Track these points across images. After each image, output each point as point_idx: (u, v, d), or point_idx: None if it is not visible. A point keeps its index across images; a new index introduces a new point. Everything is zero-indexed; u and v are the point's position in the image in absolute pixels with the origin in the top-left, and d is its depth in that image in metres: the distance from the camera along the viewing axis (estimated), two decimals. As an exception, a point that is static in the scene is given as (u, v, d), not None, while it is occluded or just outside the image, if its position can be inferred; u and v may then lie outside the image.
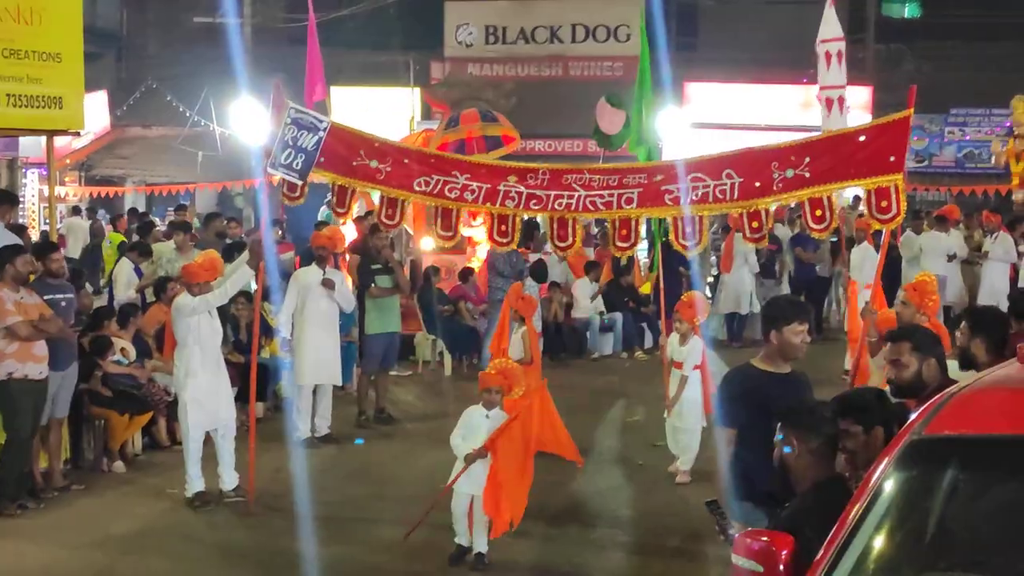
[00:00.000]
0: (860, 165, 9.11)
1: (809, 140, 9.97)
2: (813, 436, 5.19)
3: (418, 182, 9.85)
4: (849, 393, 5.82)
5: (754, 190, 9.40)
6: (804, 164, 9.22)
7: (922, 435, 4.21)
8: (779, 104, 29.39)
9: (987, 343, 6.41)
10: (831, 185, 9.28)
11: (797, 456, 5.17)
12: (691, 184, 9.51)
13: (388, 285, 14.22)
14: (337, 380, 13.44)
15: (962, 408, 4.32)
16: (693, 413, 11.53)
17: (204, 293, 10.62)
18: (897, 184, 9.01)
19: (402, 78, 30.17)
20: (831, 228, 9.56)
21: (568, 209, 9.77)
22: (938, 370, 5.94)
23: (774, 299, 7.76)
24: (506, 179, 9.78)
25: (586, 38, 30.24)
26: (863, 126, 9.78)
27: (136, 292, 15.15)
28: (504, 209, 9.83)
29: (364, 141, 10.11)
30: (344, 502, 10.78)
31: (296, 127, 9.81)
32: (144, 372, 12.51)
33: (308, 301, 12.95)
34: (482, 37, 30.71)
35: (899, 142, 9.09)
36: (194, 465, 10.76)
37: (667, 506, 10.74)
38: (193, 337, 10.68)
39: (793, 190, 9.34)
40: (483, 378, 9.21)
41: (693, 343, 11.62)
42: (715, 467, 10.92)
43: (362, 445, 13.16)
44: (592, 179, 9.81)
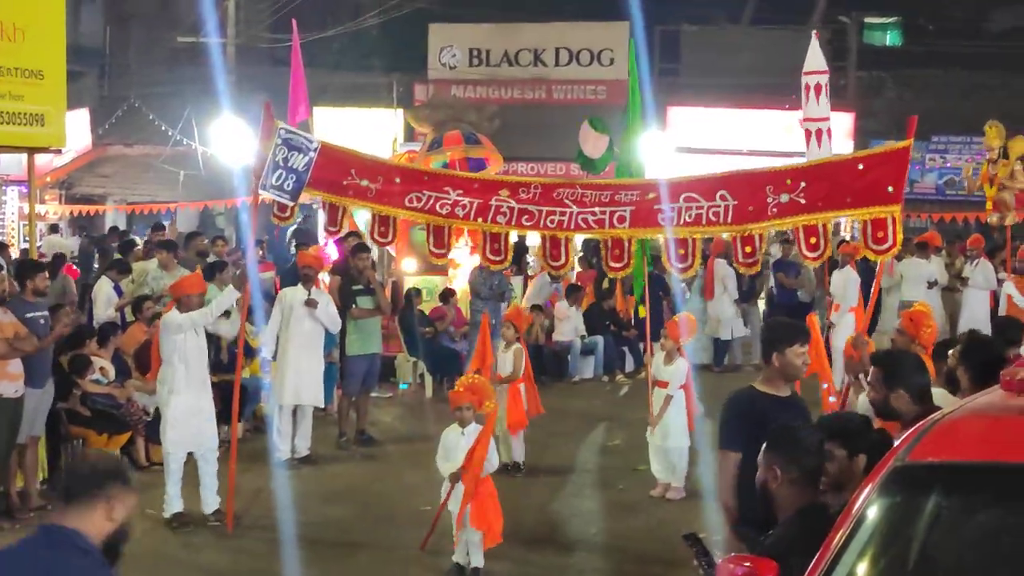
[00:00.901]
0: (857, 194, 9.04)
1: (806, 165, 9.88)
2: (795, 467, 5.14)
3: (409, 198, 9.85)
4: (837, 416, 5.80)
5: (747, 214, 9.35)
6: (799, 189, 9.16)
7: (906, 461, 4.21)
8: (761, 129, 29.48)
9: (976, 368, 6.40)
10: (827, 213, 9.20)
11: (779, 484, 5.14)
12: (684, 204, 9.47)
13: (369, 306, 14.18)
14: (319, 401, 13.40)
15: (946, 435, 4.32)
16: (678, 432, 11.55)
17: (191, 310, 10.59)
18: (894, 215, 8.95)
19: (385, 99, 30.21)
20: (824, 256, 9.50)
21: (560, 227, 9.76)
22: (909, 400, 5.87)
23: (774, 322, 7.70)
24: (498, 193, 9.78)
25: (570, 62, 30.30)
26: (862, 154, 9.70)
27: (115, 311, 15.08)
28: (495, 226, 9.83)
29: (355, 160, 10.12)
30: (325, 524, 10.71)
31: (287, 148, 9.80)
32: (123, 392, 12.44)
33: (292, 321, 12.91)
34: (466, 59, 30.75)
35: (898, 173, 9.02)
36: (174, 485, 10.69)
37: (648, 531, 10.70)
38: (179, 355, 10.63)
39: (787, 216, 9.27)
40: (453, 397, 9.25)
41: (679, 363, 11.62)
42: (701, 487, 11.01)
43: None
44: (584, 194, 9.80)
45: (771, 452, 5.20)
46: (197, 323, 10.64)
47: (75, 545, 3.82)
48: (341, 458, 13.47)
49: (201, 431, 10.77)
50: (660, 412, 11.55)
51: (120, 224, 28.23)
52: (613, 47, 28.89)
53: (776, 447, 5.21)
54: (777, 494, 5.16)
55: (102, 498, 3.89)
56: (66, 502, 3.87)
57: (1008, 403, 4.45)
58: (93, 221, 30.05)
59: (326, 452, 13.50)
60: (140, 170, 31.08)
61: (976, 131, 18.11)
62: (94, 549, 3.81)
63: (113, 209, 30.54)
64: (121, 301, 15.16)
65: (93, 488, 3.89)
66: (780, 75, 30.09)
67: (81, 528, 3.81)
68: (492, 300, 17.22)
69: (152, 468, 12.54)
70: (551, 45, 30.70)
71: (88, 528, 3.80)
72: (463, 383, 9.30)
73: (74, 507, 3.87)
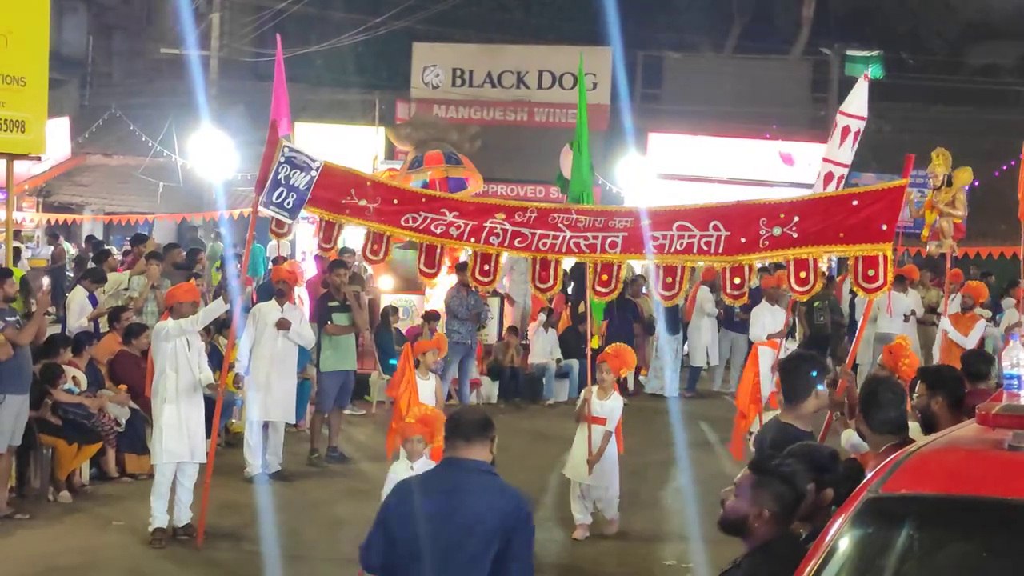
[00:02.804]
0: (850, 231, 8.99)
1: (800, 199, 9.83)
2: (779, 504, 4.98)
3: (405, 218, 9.89)
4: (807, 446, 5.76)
5: (739, 245, 9.32)
6: (792, 223, 9.13)
7: (879, 493, 4.21)
8: (742, 158, 29.63)
9: (948, 401, 6.44)
10: (818, 248, 9.14)
11: (756, 515, 5.01)
12: (676, 233, 9.46)
13: (345, 323, 14.15)
14: (290, 417, 13.35)
15: (920, 467, 4.33)
16: (614, 470, 11.11)
17: (183, 318, 10.58)
18: (886, 254, 8.91)
19: (367, 117, 30.28)
20: (813, 291, 9.45)
21: (552, 250, 9.76)
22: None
23: (804, 356, 7.53)
24: (494, 216, 9.79)
25: (552, 85, 30.44)
26: (857, 190, 9.63)
27: (89, 321, 15.00)
28: (488, 247, 9.84)
29: (356, 180, 10.15)
30: (294, 541, 10.64)
31: (289, 166, 9.83)
32: (95, 402, 12.37)
33: (264, 338, 12.86)
34: (449, 79, 30.84)
35: (892, 211, 8.96)
36: (160, 499, 10.56)
37: (594, 562, 10.58)
38: (170, 364, 10.61)
39: (779, 249, 9.24)
40: (402, 428, 8.94)
41: (615, 399, 11.12)
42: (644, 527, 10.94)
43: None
44: (579, 219, 9.81)
45: (761, 490, 5.00)
46: (187, 331, 10.62)
47: (480, 469, 5.40)
48: (312, 474, 13.41)
49: (193, 441, 10.69)
50: (600, 451, 10.91)
51: (97, 234, 28.15)
52: (596, 72, 28.99)
53: (767, 485, 5.02)
54: (756, 530, 5.02)
55: (488, 438, 5.47)
56: (467, 442, 5.39)
57: (983, 437, 4.45)
58: (70, 230, 29.95)
59: (297, 468, 13.44)
60: (119, 180, 31.03)
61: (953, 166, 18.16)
62: (492, 470, 5.49)
63: (91, 219, 30.45)
64: (96, 311, 15.08)
65: (484, 432, 5.45)
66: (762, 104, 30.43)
67: (480, 458, 5.41)
68: (469, 321, 17.22)
69: (122, 480, 12.51)
70: (534, 67, 30.86)
71: (483, 457, 5.42)
72: (415, 414, 8.95)
73: (474, 445, 5.40)
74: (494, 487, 5.42)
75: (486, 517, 5.24)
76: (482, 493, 5.33)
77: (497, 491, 5.40)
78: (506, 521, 5.24)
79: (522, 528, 5.30)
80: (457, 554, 5.21)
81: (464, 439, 5.42)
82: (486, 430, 5.49)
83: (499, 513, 5.27)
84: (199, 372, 10.74)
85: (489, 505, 5.29)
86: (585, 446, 10.97)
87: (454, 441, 5.46)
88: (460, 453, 5.43)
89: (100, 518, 11.29)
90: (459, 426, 5.48)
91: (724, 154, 29.73)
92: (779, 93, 31.35)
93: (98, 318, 15.03)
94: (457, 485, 5.34)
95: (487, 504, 5.29)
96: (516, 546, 5.23)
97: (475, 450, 5.42)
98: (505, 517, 5.25)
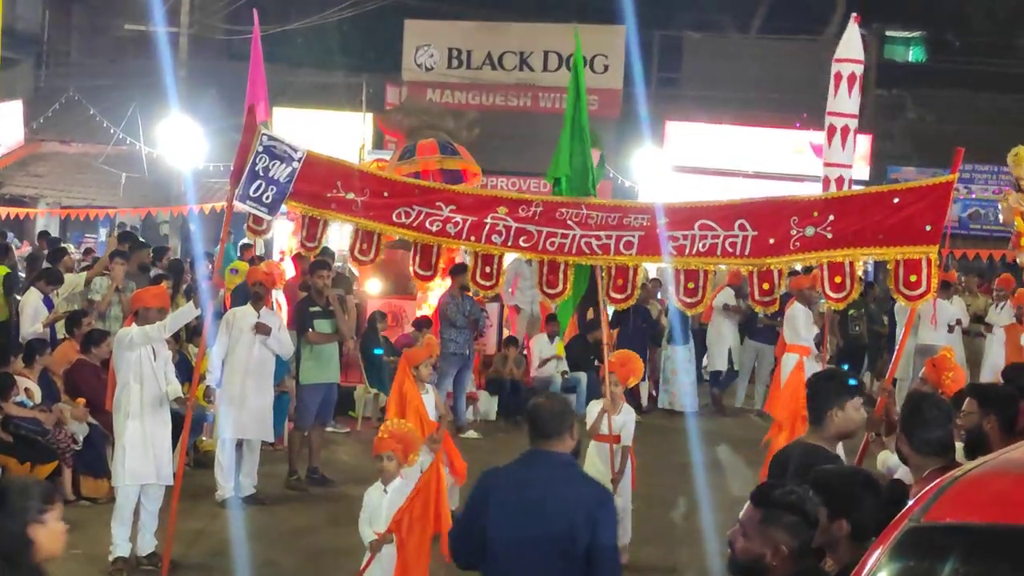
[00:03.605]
0: (890, 231, 8.95)
1: (836, 196, 9.79)
2: (797, 541, 4.94)
3: (397, 213, 9.83)
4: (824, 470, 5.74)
5: (767, 247, 9.26)
6: (827, 223, 9.07)
7: (921, 522, 4.20)
8: (768, 149, 29.65)
9: (1001, 421, 6.44)
10: (855, 250, 9.08)
11: (773, 554, 4.96)
12: (699, 232, 9.43)
13: (328, 330, 14.14)
14: (267, 435, 13.34)
15: (966, 493, 4.31)
16: (628, 489, 11.13)
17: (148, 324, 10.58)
18: (930, 257, 8.87)
19: (353, 101, 30.29)
20: (850, 298, 9.39)
21: (560, 251, 9.70)
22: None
23: (828, 374, 7.51)
24: (495, 210, 9.74)
25: (559, 67, 30.41)
26: (899, 187, 9.56)
27: (44, 326, 15.01)
28: (489, 247, 9.80)
29: (342, 172, 10.10)
30: (270, 573, 10.66)
31: (268, 156, 9.78)
32: (51, 417, 12.36)
33: (239, 346, 12.85)
34: (444, 60, 30.87)
35: (938, 210, 8.91)
36: (122, 525, 10.55)
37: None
38: (134, 375, 10.59)
39: (811, 251, 9.19)
40: (375, 444, 8.93)
41: (626, 412, 11.16)
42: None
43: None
44: (590, 216, 9.75)
45: (771, 526, 4.96)
46: (152, 338, 10.60)
47: (564, 462, 6.14)
48: (291, 498, 13.41)
49: (159, 461, 10.68)
50: (621, 469, 10.91)
51: (52, 230, 28.14)
52: (607, 53, 29.06)
53: (776, 519, 4.97)
54: (776, 570, 4.99)
55: (569, 429, 6.13)
56: (547, 439, 6.05)
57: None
58: (23, 225, 29.92)
59: (274, 491, 13.44)
60: (77, 170, 31.02)
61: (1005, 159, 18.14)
62: (574, 461, 6.47)
63: (45, 213, 30.43)
64: (51, 316, 15.09)
65: (564, 424, 6.10)
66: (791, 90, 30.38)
67: (563, 450, 6.11)
68: (467, 329, 17.17)
69: (80, 503, 12.50)
70: (539, 48, 30.85)
71: (566, 448, 6.14)
72: (388, 428, 8.95)
73: (555, 439, 6.06)
74: (578, 479, 6.26)
75: (573, 508, 5.90)
76: (568, 485, 6.05)
77: (581, 482, 6.23)
78: (592, 511, 5.92)
79: (607, 517, 6.00)
80: (548, 545, 5.88)
81: (544, 437, 6.10)
82: (566, 422, 6.13)
83: (585, 503, 5.95)
84: (166, 384, 10.74)
85: (576, 496, 5.98)
86: (599, 466, 10.88)
87: (536, 438, 6.13)
88: (543, 447, 6.11)
89: (55, 546, 11.27)
90: (538, 424, 6.13)
91: (749, 145, 29.76)
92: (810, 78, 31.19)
93: (54, 323, 15.04)
94: (543, 477, 6.01)
95: (574, 495, 5.98)
96: (602, 534, 5.90)
97: (557, 443, 6.09)
98: (591, 507, 5.95)
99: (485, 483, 6.18)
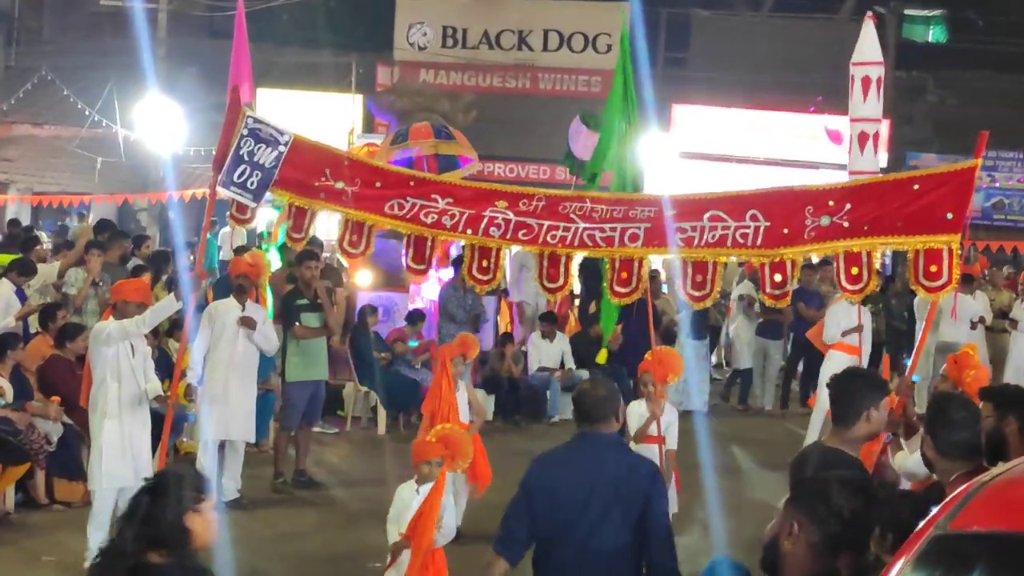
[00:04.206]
0: (910, 219, 8.95)
1: (853, 184, 9.78)
2: (818, 529, 5.09)
3: (390, 205, 9.80)
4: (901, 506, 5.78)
5: (781, 237, 9.26)
6: (843, 212, 9.08)
7: (947, 530, 4.20)
8: (780, 134, 29.63)
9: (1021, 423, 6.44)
10: (873, 239, 9.09)
11: (794, 543, 5.04)
12: (708, 224, 9.45)
13: (315, 324, 14.13)
14: (250, 436, 13.35)
15: (995, 500, 4.30)
16: (674, 493, 11.02)
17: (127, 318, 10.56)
18: (951, 247, 8.88)
19: (342, 82, 30.25)
20: (868, 289, 9.42)
21: (562, 243, 9.69)
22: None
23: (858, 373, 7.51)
24: (494, 204, 9.73)
25: (560, 46, 30.42)
26: (919, 173, 9.57)
27: (16, 320, 14.99)
28: (487, 240, 9.79)
29: (331, 159, 10.07)
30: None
31: (253, 140, 9.74)
32: (23, 416, 12.33)
33: (222, 341, 12.86)
34: (438, 39, 30.84)
35: (961, 197, 8.92)
36: (99, 530, 10.48)
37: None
38: (112, 372, 10.59)
39: (826, 240, 9.19)
40: (419, 448, 9.00)
41: (669, 412, 11.21)
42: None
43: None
44: (595, 209, 9.73)
45: (796, 505, 5.09)
46: (131, 333, 10.58)
47: (614, 442, 6.78)
48: (276, 502, 13.42)
49: (137, 463, 10.66)
50: (668, 473, 10.69)
51: (23, 218, 28.13)
52: (611, 31, 28.99)
53: (803, 501, 5.10)
54: (788, 554, 5.04)
55: (614, 412, 6.67)
56: (594, 423, 6.63)
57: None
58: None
59: (259, 495, 13.45)
60: (49, 154, 31.01)
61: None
62: (623, 441, 7.21)
63: (16, 199, 30.40)
64: (23, 309, 15.06)
65: (610, 409, 6.66)
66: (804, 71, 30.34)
67: (610, 431, 6.70)
68: (467, 324, 17.10)
69: (53, 507, 12.49)
70: (538, 26, 30.84)
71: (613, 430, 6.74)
72: (438, 433, 9.05)
73: (602, 423, 6.64)
74: (628, 457, 6.96)
75: (626, 485, 6.51)
76: (619, 463, 6.65)
77: (632, 460, 6.89)
78: (644, 487, 6.54)
79: (659, 492, 6.61)
80: (604, 521, 6.46)
81: (591, 421, 6.69)
82: (611, 405, 6.71)
83: (637, 480, 6.56)
84: (145, 382, 10.73)
85: (628, 473, 6.59)
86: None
87: (583, 422, 6.73)
88: (590, 430, 6.70)
89: (27, 552, 11.28)
90: (584, 409, 6.73)
91: (760, 130, 29.75)
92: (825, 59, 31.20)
93: (27, 317, 15.02)
94: (595, 457, 6.63)
95: (626, 473, 6.58)
96: (655, 507, 6.51)
97: (604, 426, 6.68)
98: (642, 483, 6.56)
99: (540, 465, 6.79)
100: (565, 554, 6.50)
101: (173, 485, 5.56)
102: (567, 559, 6.50)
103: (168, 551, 5.42)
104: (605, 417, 6.66)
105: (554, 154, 21.78)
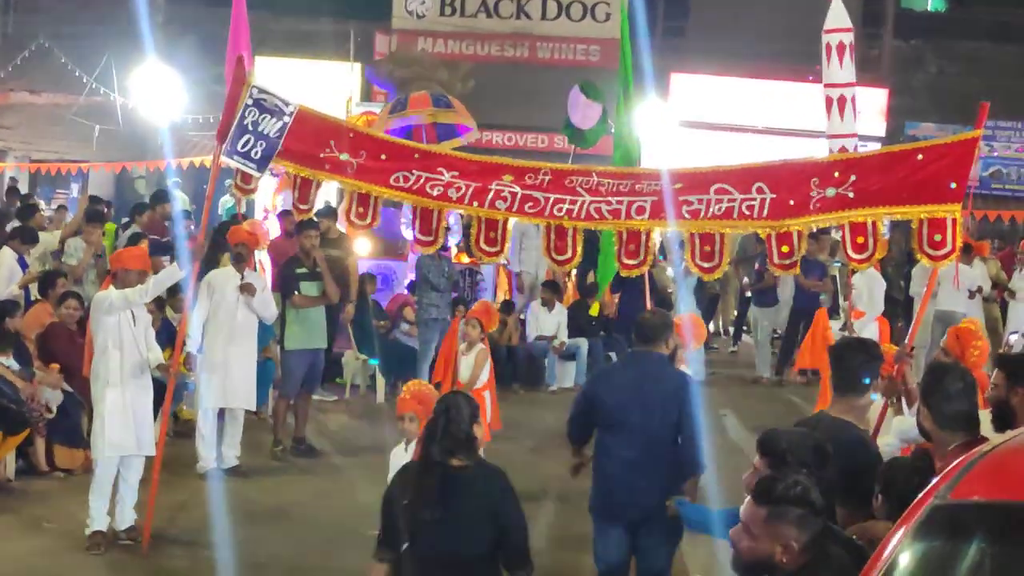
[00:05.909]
0: (914, 189, 9.08)
1: (857, 155, 9.91)
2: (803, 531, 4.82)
3: (395, 177, 9.82)
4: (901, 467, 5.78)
5: (787, 208, 9.38)
6: (848, 183, 9.20)
7: (947, 500, 4.22)
8: (779, 103, 29.56)
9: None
10: (877, 209, 9.21)
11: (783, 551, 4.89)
12: (714, 196, 9.52)
13: (314, 293, 14.14)
14: (250, 404, 13.37)
15: (995, 469, 4.33)
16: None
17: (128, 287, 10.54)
18: (955, 216, 9.02)
19: (340, 51, 30.09)
20: (874, 259, 9.54)
21: (568, 216, 9.74)
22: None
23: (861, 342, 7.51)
24: (500, 178, 9.76)
25: (559, 15, 30.28)
26: (921, 144, 9.70)
27: (20, 288, 14.99)
28: (493, 212, 9.81)
29: (336, 130, 10.09)
30: (254, 547, 10.65)
31: (258, 110, 9.77)
32: (28, 387, 12.31)
33: (221, 309, 12.87)
34: (436, 7, 30.68)
35: (962, 166, 9.06)
36: (101, 498, 10.56)
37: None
38: (113, 341, 10.56)
39: (832, 211, 9.31)
40: (398, 404, 8.96)
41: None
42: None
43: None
44: (601, 183, 9.79)
45: (780, 522, 4.83)
46: (132, 302, 10.56)
47: (660, 359, 8.51)
48: (276, 470, 13.46)
49: (140, 431, 10.68)
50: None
51: (21, 185, 28.06)
52: (609, 0, 28.86)
53: (783, 516, 4.84)
54: (787, 565, 4.82)
55: (666, 338, 8.51)
56: (646, 343, 8.46)
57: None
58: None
59: (258, 463, 13.49)
60: (47, 122, 30.88)
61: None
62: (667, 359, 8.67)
63: (14, 167, 30.33)
64: (25, 277, 15.07)
65: (663, 334, 8.49)
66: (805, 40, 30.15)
67: (659, 351, 8.46)
68: (447, 292, 17.05)
69: (54, 475, 12.53)
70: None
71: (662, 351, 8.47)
72: (410, 389, 9.14)
73: (653, 344, 8.45)
74: (670, 371, 8.65)
75: (666, 392, 8.28)
76: (662, 375, 8.45)
77: (672, 373, 8.64)
78: (680, 393, 8.28)
79: (690, 397, 8.27)
80: (651, 419, 8.19)
81: (645, 342, 8.51)
82: (665, 332, 8.54)
83: (674, 388, 8.32)
84: (147, 351, 10.74)
85: (669, 383, 8.38)
86: None
87: (639, 342, 8.55)
88: (643, 349, 8.53)
89: (28, 519, 11.32)
90: (642, 331, 8.51)
91: (760, 99, 29.68)
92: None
93: (28, 285, 15.03)
94: (645, 370, 8.46)
95: (667, 382, 8.38)
96: (687, 410, 8.22)
97: (655, 347, 8.48)
98: (678, 391, 8.31)
99: (596, 377, 9.45)
100: (619, 439, 8.26)
101: (458, 406, 6.58)
102: (621, 442, 8.23)
103: (464, 456, 6.48)
104: (656, 340, 8.41)
105: (553, 123, 21.72)
